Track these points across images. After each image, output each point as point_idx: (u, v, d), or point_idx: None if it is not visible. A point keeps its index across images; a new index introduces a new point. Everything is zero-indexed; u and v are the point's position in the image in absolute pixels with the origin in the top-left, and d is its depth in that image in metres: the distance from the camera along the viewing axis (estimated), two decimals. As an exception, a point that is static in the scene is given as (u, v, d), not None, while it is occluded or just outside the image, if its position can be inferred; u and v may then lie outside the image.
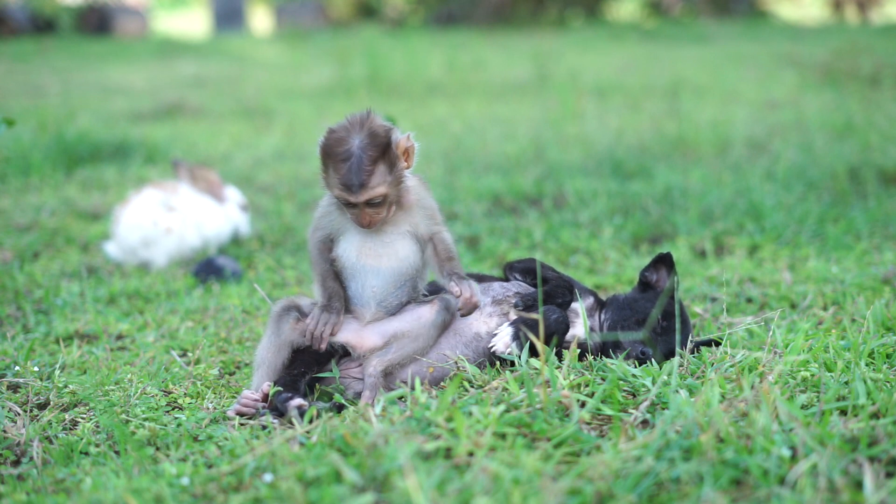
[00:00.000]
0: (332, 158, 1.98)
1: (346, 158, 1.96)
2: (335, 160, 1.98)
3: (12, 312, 2.81)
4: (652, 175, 4.41)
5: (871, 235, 3.35)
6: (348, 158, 1.96)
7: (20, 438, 1.91)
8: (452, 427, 1.71)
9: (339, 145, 1.97)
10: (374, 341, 2.11)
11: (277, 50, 13.48)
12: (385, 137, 1.98)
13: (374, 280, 2.10)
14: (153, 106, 7.48)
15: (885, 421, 1.67)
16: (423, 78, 8.25)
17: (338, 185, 1.98)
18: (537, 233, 3.56)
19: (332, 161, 1.99)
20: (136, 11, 18.19)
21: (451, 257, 2.12)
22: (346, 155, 1.96)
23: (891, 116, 5.56)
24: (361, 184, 1.96)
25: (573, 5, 19.04)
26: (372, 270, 2.09)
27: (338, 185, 1.98)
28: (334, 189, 2.00)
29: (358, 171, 1.95)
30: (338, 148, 1.97)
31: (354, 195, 1.97)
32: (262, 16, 21.79)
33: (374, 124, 1.99)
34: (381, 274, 2.10)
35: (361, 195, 1.97)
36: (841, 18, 18.50)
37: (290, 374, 2.10)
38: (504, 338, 2.08)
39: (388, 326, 2.11)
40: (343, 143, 1.97)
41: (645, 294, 2.27)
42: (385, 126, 2.01)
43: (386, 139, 1.98)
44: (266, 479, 1.62)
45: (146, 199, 3.41)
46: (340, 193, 1.99)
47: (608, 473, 1.55)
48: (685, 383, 1.92)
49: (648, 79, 8.39)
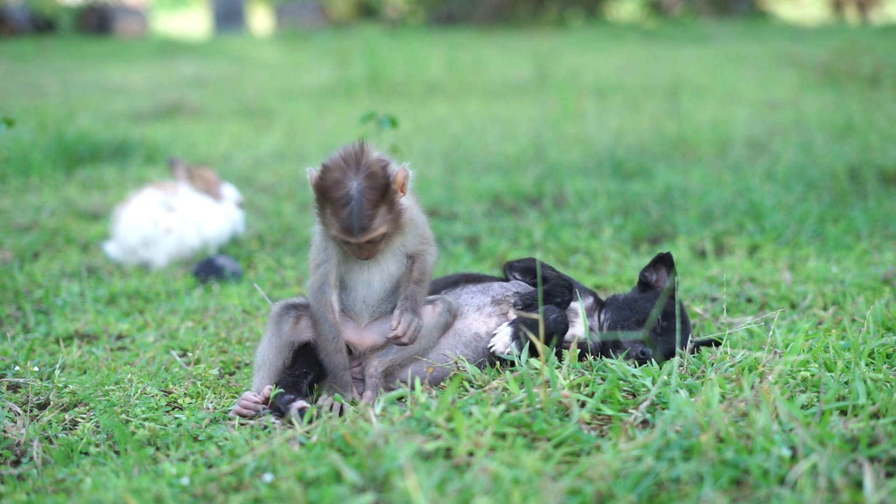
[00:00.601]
0: (331, 202, 1.94)
1: (345, 203, 1.92)
2: (334, 204, 1.93)
3: (12, 312, 2.81)
4: (652, 175, 4.41)
5: (871, 235, 3.35)
6: (348, 203, 1.92)
7: (20, 438, 1.91)
8: (452, 427, 1.71)
9: (337, 188, 1.92)
10: (374, 339, 2.11)
11: (277, 50, 13.48)
12: (384, 178, 1.94)
13: (365, 292, 2.11)
14: (153, 106, 7.48)
15: (885, 421, 1.67)
16: (423, 78, 8.25)
17: (337, 228, 1.95)
18: (537, 233, 3.56)
19: (330, 204, 1.95)
20: (136, 11, 18.19)
21: (420, 280, 2.10)
22: (345, 200, 1.92)
23: (891, 116, 5.56)
24: (363, 228, 1.93)
25: (573, 5, 19.04)
26: (363, 283, 2.10)
27: (338, 228, 1.95)
28: (332, 229, 1.96)
29: (359, 215, 1.92)
30: (336, 192, 1.92)
31: (356, 237, 1.95)
32: (262, 16, 21.79)
33: (370, 162, 1.94)
34: (371, 287, 2.11)
35: (363, 237, 1.95)
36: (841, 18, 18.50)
37: (292, 375, 2.10)
38: (503, 338, 2.08)
39: (387, 325, 2.11)
40: (341, 185, 1.92)
41: (645, 294, 2.27)
42: (381, 162, 1.96)
43: (385, 180, 1.94)
44: (266, 479, 1.62)
45: (146, 200, 3.41)
46: (340, 235, 1.96)
47: (608, 473, 1.55)
48: (685, 383, 1.92)
49: (648, 79, 8.39)
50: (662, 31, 15.13)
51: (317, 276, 2.06)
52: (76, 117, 6.28)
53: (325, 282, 2.05)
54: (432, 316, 2.11)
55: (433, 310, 2.12)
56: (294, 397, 2.01)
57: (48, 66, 10.94)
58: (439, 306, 2.13)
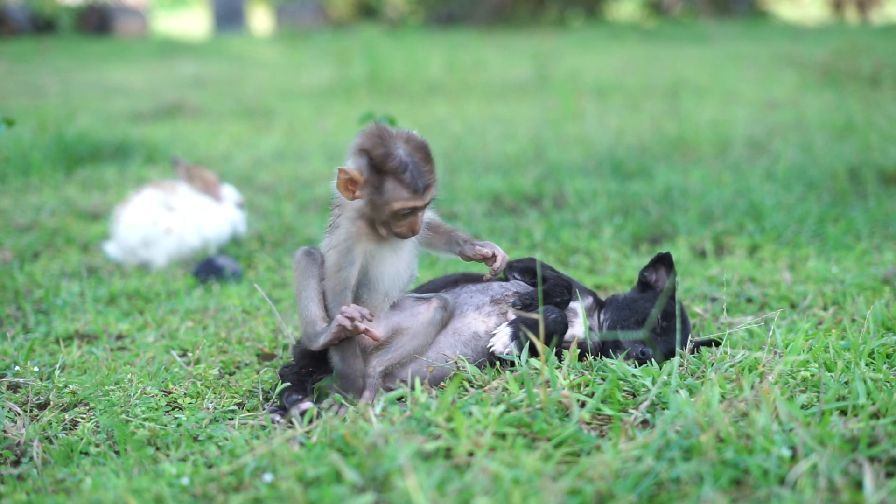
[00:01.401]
0: (390, 172, 1.96)
1: (404, 168, 1.95)
2: (394, 173, 1.95)
3: (12, 312, 2.81)
4: (652, 175, 4.42)
5: (871, 235, 3.35)
6: (406, 167, 1.95)
7: (20, 438, 1.91)
8: (452, 427, 1.71)
9: (390, 159, 1.95)
10: (381, 331, 2.12)
11: (277, 50, 13.48)
12: (421, 140, 2.00)
13: (389, 286, 2.10)
14: (153, 106, 7.49)
15: (885, 421, 1.67)
16: (423, 78, 8.26)
17: (404, 196, 1.96)
18: (537, 233, 3.56)
19: (389, 175, 1.96)
20: (136, 11, 18.19)
21: (450, 230, 2.16)
22: (403, 165, 1.95)
23: (891, 116, 5.56)
24: (426, 186, 1.97)
25: (573, 5, 19.05)
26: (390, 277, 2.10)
27: (405, 194, 1.96)
28: (396, 202, 1.96)
29: (420, 174, 1.96)
30: (391, 162, 1.95)
31: (422, 198, 1.97)
32: (262, 16, 21.79)
33: (401, 132, 2.00)
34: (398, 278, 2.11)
35: (426, 196, 1.98)
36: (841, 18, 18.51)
37: (298, 373, 2.10)
38: (503, 338, 2.08)
39: (389, 320, 2.11)
40: (392, 155, 1.95)
41: (644, 294, 2.27)
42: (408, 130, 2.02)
43: (423, 141, 2.01)
44: (266, 479, 1.62)
45: (146, 200, 3.41)
46: (406, 202, 1.96)
47: (608, 473, 1.55)
48: (685, 383, 1.92)
49: (648, 79, 8.39)
50: (662, 31, 15.14)
51: (337, 279, 2.04)
52: (76, 117, 6.28)
53: (346, 286, 2.04)
54: (427, 313, 2.12)
55: (428, 307, 2.13)
56: (301, 397, 2.01)
57: (48, 66, 10.95)
58: (434, 303, 2.13)
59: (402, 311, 2.13)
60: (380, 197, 1.97)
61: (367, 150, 1.97)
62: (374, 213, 2.00)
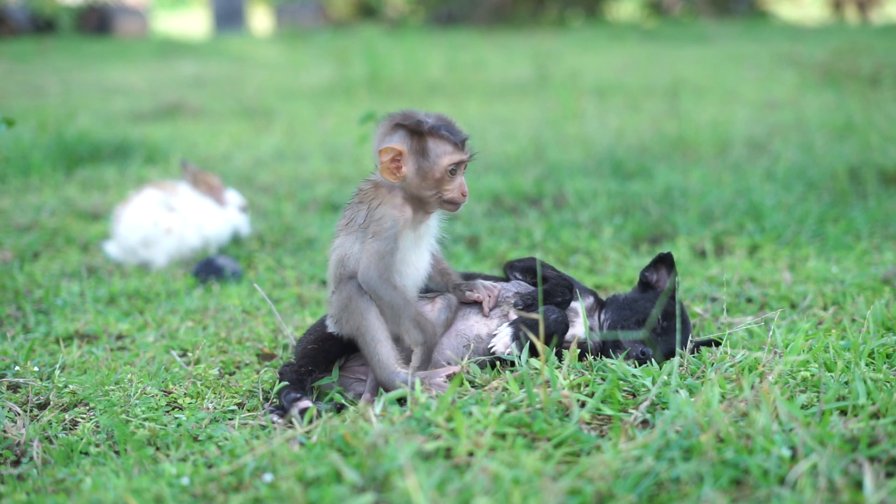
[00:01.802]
0: (429, 133, 2.01)
1: (440, 126, 2.01)
2: (433, 132, 2.01)
3: (12, 312, 2.81)
4: (652, 175, 4.41)
5: (871, 235, 3.35)
6: (441, 125, 2.02)
7: (20, 438, 1.91)
8: (452, 427, 1.71)
9: (421, 125, 2.01)
10: None
11: (277, 50, 13.48)
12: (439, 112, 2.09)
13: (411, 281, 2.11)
14: (153, 106, 7.49)
15: (885, 421, 1.67)
16: (423, 78, 8.26)
17: (449, 150, 2.01)
18: (537, 233, 3.55)
19: (429, 136, 2.01)
20: (136, 11, 18.20)
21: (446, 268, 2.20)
22: (437, 122, 2.02)
23: (891, 116, 5.56)
24: (465, 139, 2.03)
25: (573, 5, 19.06)
26: (413, 271, 2.11)
27: (449, 148, 2.01)
28: (444, 158, 2.00)
29: (456, 130, 2.03)
30: (426, 123, 2.01)
31: (464, 151, 2.03)
32: (262, 16, 21.80)
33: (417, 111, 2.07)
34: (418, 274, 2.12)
35: (467, 150, 2.04)
36: (841, 18, 18.51)
37: (298, 372, 2.10)
38: (504, 338, 2.08)
39: None
40: (422, 123, 2.01)
41: (645, 294, 2.27)
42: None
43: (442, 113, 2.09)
44: (266, 479, 1.62)
45: (147, 200, 3.41)
46: (453, 156, 2.01)
47: (608, 473, 1.55)
48: (685, 383, 1.92)
49: (648, 79, 8.39)
50: (662, 31, 15.14)
51: (383, 264, 2.02)
52: (76, 117, 6.28)
53: (393, 269, 2.04)
54: (432, 313, 2.11)
55: (433, 307, 2.12)
56: (300, 396, 2.01)
57: (48, 66, 10.95)
58: (438, 303, 2.13)
59: None
60: (426, 161, 2.01)
61: (401, 123, 2.03)
62: (422, 184, 2.02)
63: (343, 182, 4.67)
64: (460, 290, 2.17)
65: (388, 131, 2.04)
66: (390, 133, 2.03)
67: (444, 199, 2.04)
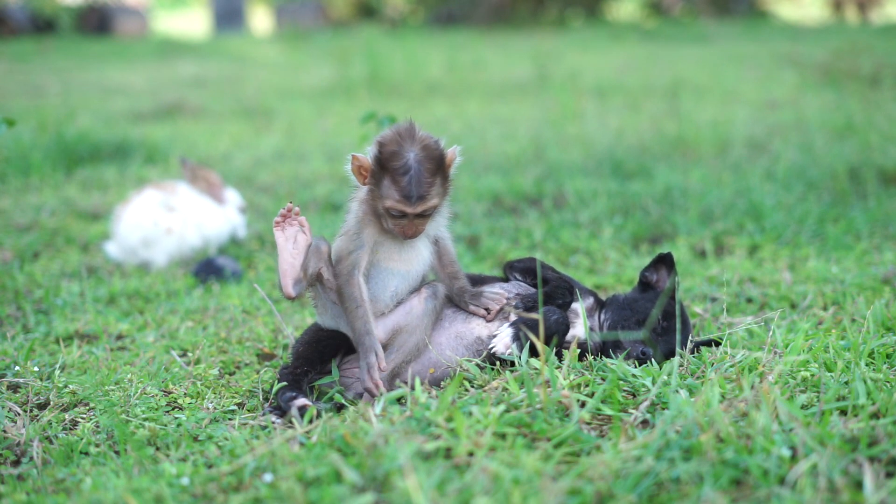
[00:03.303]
0: (390, 172, 1.99)
1: (405, 172, 1.98)
2: (393, 174, 1.99)
3: (12, 312, 2.81)
4: (652, 175, 4.41)
5: (871, 235, 3.35)
6: (407, 171, 1.98)
7: (20, 438, 1.91)
8: (452, 427, 1.71)
9: (395, 159, 1.99)
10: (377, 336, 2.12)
11: (277, 50, 13.48)
12: (438, 150, 2.03)
13: (397, 282, 2.12)
14: (153, 106, 7.49)
15: (885, 421, 1.67)
16: (423, 78, 8.26)
17: (395, 197, 1.99)
18: (537, 233, 3.55)
19: (388, 174, 2.00)
20: (136, 11, 18.20)
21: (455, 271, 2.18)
22: (404, 168, 1.98)
23: (891, 116, 5.56)
24: (420, 196, 1.99)
25: (573, 5, 19.07)
26: (397, 273, 2.12)
27: (396, 196, 1.99)
28: (388, 200, 2.00)
29: (418, 183, 1.98)
30: (395, 162, 1.99)
31: (412, 206, 1.99)
32: (262, 16, 21.80)
33: (424, 136, 2.03)
34: (405, 276, 2.12)
35: (418, 206, 2.00)
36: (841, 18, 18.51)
37: (294, 373, 2.10)
38: (504, 339, 2.08)
39: (386, 322, 2.12)
40: (399, 156, 1.99)
41: (645, 294, 2.27)
42: (434, 139, 2.05)
43: (439, 152, 2.03)
44: (266, 479, 1.62)
45: (147, 200, 3.41)
46: (395, 204, 2.00)
47: (608, 473, 1.55)
48: (685, 383, 1.92)
49: (648, 79, 8.39)
50: (662, 31, 15.14)
51: (349, 261, 2.06)
52: (76, 117, 6.28)
53: (356, 266, 2.06)
54: (420, 305, 2.12)
55: (419, 298, 2.13)
56: (296, 395, 2.01)
57: (48, 66, 10.95)
58: (423, 293, 2.14)
59: (397, 308, 2.14)
60: (377, 190, 2.02)
61: (380, 143, 2.02)
62: (373, 203, 2.05)
63: (343, 182, 4.67)
64: (464, 300, 2.16)
65: (375, 140, 2.05)
66: (373, 144, 2.04)
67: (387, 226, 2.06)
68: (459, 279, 2.18)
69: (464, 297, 2.16)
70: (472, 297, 2.15)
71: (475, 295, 2.16)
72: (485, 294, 2.16)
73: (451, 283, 2.17)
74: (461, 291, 2.16)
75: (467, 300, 2.15)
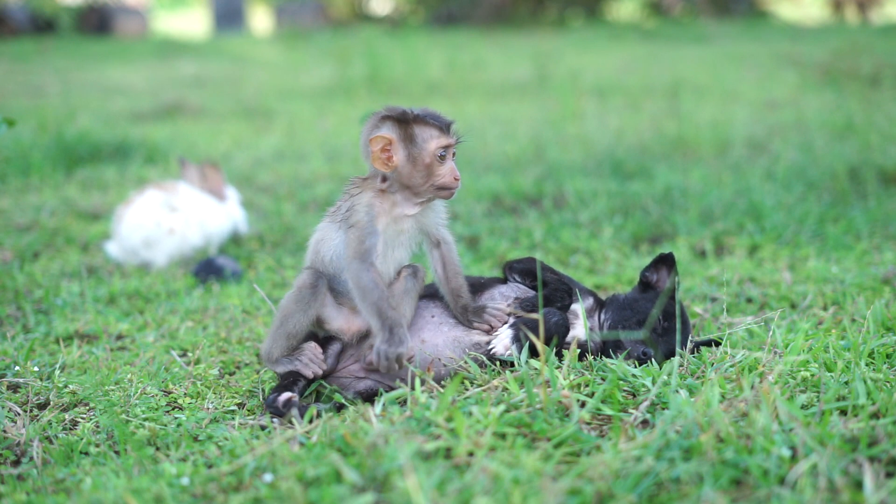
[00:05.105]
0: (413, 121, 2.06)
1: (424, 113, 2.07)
2: (417, 120, 2.06)
3: (12, 312, 2.81)
4: (652, 175, 4.41)
5: (871, 235, 3.35)
6: (426, 112, 2.08)
7: (20, 438, 1.91)
8: (452, 427, 1.71)
9: (409, 111, 2.08)
10: (359, 325, 2.13)
11: (277, 50, 13.48)
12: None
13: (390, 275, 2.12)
14: (153, 106, 7.49)
15: (885, 421, 1.67)
16: (423, 78, 8.25)
17: (435, 135, 2.06)
18: (537, 233, 3.55)
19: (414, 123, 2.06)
20: (136, 11, 18.20)
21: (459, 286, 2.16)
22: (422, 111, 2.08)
23: (891, 116, 5.56)
24: (450, 123, 2.08)
25: (573, 5, 19.07)
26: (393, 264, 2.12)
27: (435, 134, 2.06)
28: (431, 143, 2.05)
29: (439, 115, 2.08)
30: (408, 115, 2.07)
31: (450, 136, 2.07)
32: (262, 16, 21.80)
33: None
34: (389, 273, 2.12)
35: (453, 134, 2.08)
36: (841, 18, 18.51)
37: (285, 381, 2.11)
38: (504, 340, 2.08)
39: None
40: (409, 110, 2.08)
41: (645, 294, 2.26)
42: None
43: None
44: (266, 479, 1.62)
45: (149, 200, 3.41)
46: (440, 140, 2.06)
47: (608, 473, 1.55)
48: (685, 383, 1.92)
49: (648, 79, 8.39)
50: (662, 31, 15.14)
51: (364, 247, 2.04)
52: (76, 117, 6.28)
53: (373, 251, 2.05)
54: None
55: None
56: (279, 392, 2.01)
57: (48, 66, 10.95)
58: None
59: None
60: (414, 147, 2.05)
61: (387, 115, 2.09)
62: (413, 171, 2.05)
63: (343, 182, 4.65)
64: (467, 318, 2.14)
65: (376, 123, 2.09)
66: (378, 125, 2.09)
67: (436, 185, 2.07)
68: (463, 296, 2.15)
69: (467, 315, 2.14)
70: (474, 313, 2.14)
71: (477, 311, 2.14)
72: (487, 311, 2.13)
73: (455, 300, 2.15)
74: (464, 309, 2.15)
75: (470, 318, 2.14)
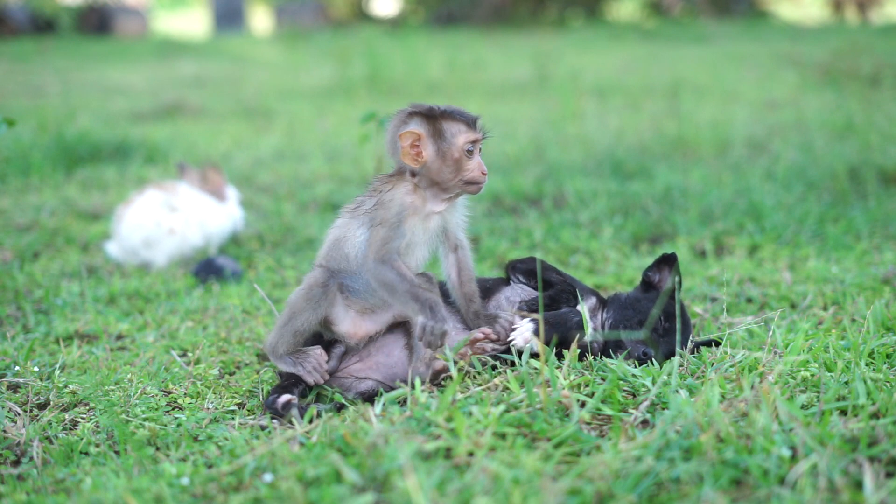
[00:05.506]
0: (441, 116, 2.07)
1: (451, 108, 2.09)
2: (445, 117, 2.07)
3: (12, 312, 2.81)
4: (652, 175, 4.41)
5: (871, 235, 3.35)
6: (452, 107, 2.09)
7: (20, 438, 1.91)
8: (452, 427, 1.71)
9: (436, 107, 2.08)
10: (367, 328, 2.13)
11: (277, 50, 13.48)
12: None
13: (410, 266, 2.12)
14: (153, 106, 7.49)
15: (885, 421, 1.67)
16: (423, 78, 8.25)
17: (462, 130, 2.07)
18: (537, 233, 3.55)
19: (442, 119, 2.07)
20: (136, 11, 18.20)
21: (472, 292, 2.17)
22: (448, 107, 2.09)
23: (891, 116, 5.56)
24: (476, 118, 2.08)
25: (573, 5, 19.07)
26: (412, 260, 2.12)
27: (463, 129, 2.07)
28: (459, 137, 2.06)
29: (465, 112, 2.09)
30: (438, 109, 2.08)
31: (477, 131, 2.08)
32: (262, 16, 21.80)
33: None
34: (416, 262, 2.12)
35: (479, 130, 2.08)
36: (841, 18, 18.52)
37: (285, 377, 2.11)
38: (524, 333, 2.07)
39: (382, 317, 2.13)
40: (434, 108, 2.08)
41: (647, 294, 2.26)
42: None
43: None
44: (266, 479, 1.62)
45: (149, 200, 3.41)
46: (468, 135, 2.06)
47: (608, 473, 1.55)
48: (685, 383, 1.92)
49: (648, 79, 8.39)
50: (662, 31, 15.14)
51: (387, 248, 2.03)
52: (76, 117, 6.28)
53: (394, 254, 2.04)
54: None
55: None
56: (278, 395, 2.01)
57: (48, 66, 10.94)
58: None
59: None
60: (443, 142, 2.06)
61: (414, 112, 2.10)
62: (442, 166, 2.06)
63: (343, 182, 4.67)
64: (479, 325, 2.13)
65: (404, 119, 2.11)
66: (406, 121, 2.10)
67: (465, 180, 2.07)
68: (475, 302, 2.16)
69: (478, 321, 2.14)
70: (486, 321, 2.14)
71: (489, 319, 2.14)
72: (499, 321, 2.13)
73: (467, 305, 2.16)
74: (476, 315, 2.15)
75: (482, 325, 2.13)
